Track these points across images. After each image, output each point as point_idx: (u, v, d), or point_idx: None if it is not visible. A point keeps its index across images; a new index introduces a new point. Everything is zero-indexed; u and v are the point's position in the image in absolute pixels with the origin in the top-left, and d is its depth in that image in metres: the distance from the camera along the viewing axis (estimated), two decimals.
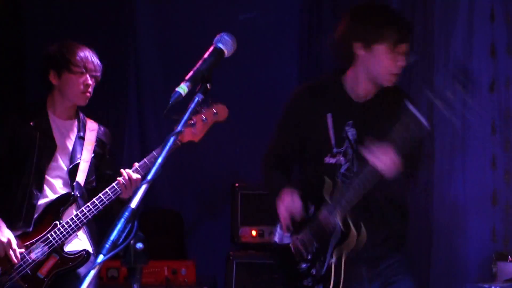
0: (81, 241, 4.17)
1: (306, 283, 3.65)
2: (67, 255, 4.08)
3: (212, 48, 2.69)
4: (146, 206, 4.09)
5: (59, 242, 4.06)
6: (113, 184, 4.06)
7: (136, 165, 4.08)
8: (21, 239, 4.10)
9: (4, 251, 4.00)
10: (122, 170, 4.04)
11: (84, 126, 4.30)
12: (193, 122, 3.97)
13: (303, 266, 3.65)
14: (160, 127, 5.77)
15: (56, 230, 4.07)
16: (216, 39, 2.72)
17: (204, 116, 4.01)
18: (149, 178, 2.65)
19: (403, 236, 3.75)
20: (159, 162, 2.65)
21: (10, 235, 4.03)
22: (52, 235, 4.06)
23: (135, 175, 4.03)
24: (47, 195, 4.17)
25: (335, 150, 3.63)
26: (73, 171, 4.21)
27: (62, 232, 4.07)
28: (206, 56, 2.66)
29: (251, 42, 5.49)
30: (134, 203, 2.61)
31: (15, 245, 4.01)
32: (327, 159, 3.65)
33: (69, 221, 4.08)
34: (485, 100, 5.25)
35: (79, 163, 4.22)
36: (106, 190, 4.07)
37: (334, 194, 3.55)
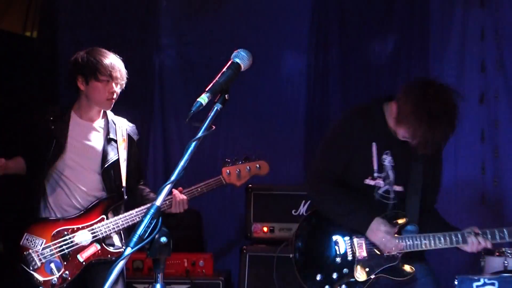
0: (121, 237, 4.15)
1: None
2: (107, 248, 4.06)
3: (230, 62, 2.68)
4: (172, 215, 4.11)
5: (103, 235, 4.05)
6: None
7: (181, 189, 4.12)
8: (68, 222, 4.10)
9: None
10: (176, 191, 4.06)
11: (114, 126, 4.26)
12: (238, 170, 4.18)
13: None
14: (182, 135, 5.74)
15: (103, 224, 4.07)
16: (233, 54, 2.72)
17: (248, 167, 4.21)
18: (172, 179, 2.61)
19: None
20: (182, 165, 2.62)
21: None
22: (98, 227, 4.06)
23: (182, 196, 4.09)
24: (74, 194, 4.14)
25: (376, 175, 3.73)
26: (107, 172, 4.17)
27: (108, 227, 4.08)
28: (224, 69, 2.66)
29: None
30: (159, 201, 2.59)
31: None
32: (367, 181, 3.75)
33: (116, 219, 4.07)
34: (475, 111, 5.26)
35: (115, 166, 4.18)
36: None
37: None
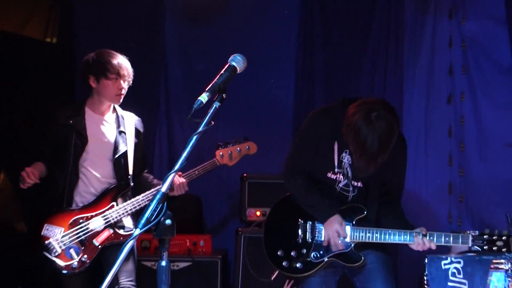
0: (131, 221, 4.18)
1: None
2: (120, 231, 4.07)
3: (227, 65, 2.73)
4: (174, 197, 4.12)
5: (115, 220, 4.07)
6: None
7: (180, 173, 4.13)
8: (82, 211, 4.10)
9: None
10: (176, 176, 4.05)
11: (123, 120, 4.27)
12: (230, 152, 4.22)
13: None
14: (184, 130, 5.74)
15: (113, 210, 4.09)
16: (230, 58, 2.77)
17: (239, 148, 4.27)
18: (176, 168, 2.64)
19: None
20: (184, 155, 2.65)
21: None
22: (109, 213, 4.08)
23: (182, 179, 4.12)
24: (92, 182, 4.16)
25: (336, 170, 3.73)
26: (118, 161, 4.18)
27: (118, 212, 4.11)
28: (222, 71, 2.72)
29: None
30: (164, 188, 2.62)
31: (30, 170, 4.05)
32: (329, 175, 3.76)
33: (125, 205, 4.09)
34: (443, 110, 5.28)
35: (124, 154, 4.19)
36: (159, 185, 4.11)
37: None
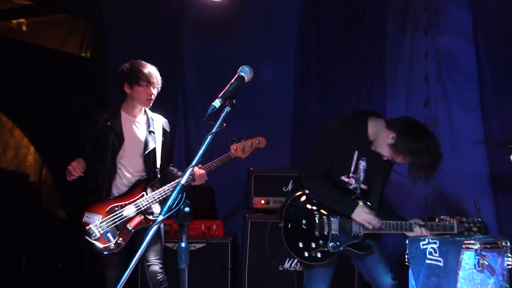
0: (159, 207, 4.20)
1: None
2: (149, 216, 4.11)
3: (236, 75, 2.76)
4: (195, 187, 4.15)
5: (145, 207, 4.09)
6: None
7: (200, 166, 4.14)
8: (117, 200, 4.14)
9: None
10: (196, 168, 4.06)
11: (152, 121, 4.30)
12: (243, 146, 4.18)
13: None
14: (199, 132, 5.76)
15: (143, 199, 4.09)
16: (239, 69, 2.80)
17: (250, 143, 4.23)
18: (193, 163, 2.69)
19: None
20: (200, 152, 2.70)
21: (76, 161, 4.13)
22: (140, 201, 4.09)
23: (202, 171, 4.13)
24: (126, 175, 4.20)
25: (351, 175, 3.80)
26: (147, 157, 4.22)
27: (147, 201, 4.10)
28: (232, 81, 2.75)
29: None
30: (183, 180, 2.67)
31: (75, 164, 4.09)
32: (343, 177, 3.81)
33: (153, 194, 4.11)
34: (421, 113, 5.27)
35: (153, 151, 4.23)
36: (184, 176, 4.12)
37: None
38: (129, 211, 4.08)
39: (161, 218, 2.62)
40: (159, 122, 4.34)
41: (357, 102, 5.36)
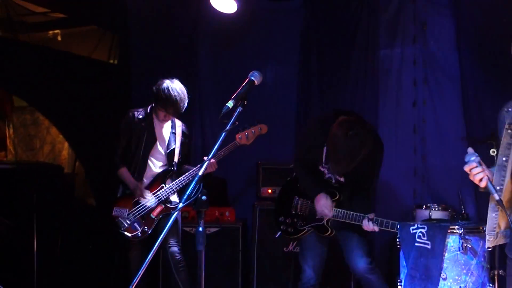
0: (176, 197, 4.20)
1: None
2: (169, 205, 4.11)
3: (247, 79, 2.73)
4: (207, 174, 4.11)
5: (165, 197, 4.10)
6: (199, 165, 4.09)
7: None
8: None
9: (137, 194, 4.11)
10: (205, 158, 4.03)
11: (175, 125, 4.31)
12: (247, 134, 4.12)
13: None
14: (213, 129, 5.71)
15: (163, 190, 4.11)
16: (250, 74, 2.78)
17: (253, 130, 4.18)
18: (209, 156, 2.67)
19: None
20: (216, 147, 2.68)
21: (137, 184, 4.15)
22: (160, 193, 4.10)
23: (212, 160, 4.08)
24: (152, 169, 4.20)
25: (324, 165, 3.80)
26: (170, 154, 4.22)
27: (166, 191, 4.13)
28: (243, 84, 2.71)
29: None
30: (201, 172, 2.64)
31: (141, 189, 4.13)
32: (320, 168, 3.82)
33: (171, 185, 4.11)
34: (410, 112, 5.25)
35: (174, 149, 4.24)
36: (195, 168, 4.12)
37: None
38: (151, 202, 4.10)
39: (181, 205, 2.62)
40: (179, 125, 4.39)
41: (353, 103, 5.31)
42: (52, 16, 5.84)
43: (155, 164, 4.24)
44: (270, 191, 5.03)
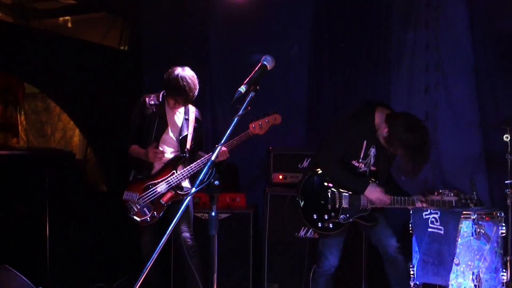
0: (188, 183, 4.18)
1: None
2: (179, 191, 4.09)
3: (259, 64, 2.70)
4: (220, 162, 4.08)
5: (175, 183, 4.08)
6: (210, 153, 4.06)
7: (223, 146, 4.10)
8: (151, 179, 4.13)
9: (150, 157, 4.06)
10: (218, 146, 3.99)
11: (188, 111, 4.28)
12: (260, 123, 4.03)
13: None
14: (224, 115, 5.68)
15: (174, 177, 4.09)
16: (262, 58, 2.76)
17: (267, 120, 4.08)
18: (222, 142, 2.65)
19: None
20: (228, 132, 2.65)
21: (147, 150, 4.10)
22: (171, 179, 4.09)
23: (224, 148, 4.05)
24: (164, 156, 4.18)
25: (360, 160, 3.73)
26: (182, 140, 4.21)
27: (177, 177, 4.11)
28: (256, 69, 2.68)
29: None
30: (213, 157, 2.62)
31: (152, 151, 4.07)
32: (353, 162, 3.74)
33: (182, 171, 4.09)
34: (422, 98, 5.19)
35: (186, 135, 4.22)
36: (206, 156, 4.10)
37: None
38: (161, 187, 4.10)
39: (194, 190, 2.59)
40: (193, 111, 4.35)
41: (365, 89, 5.28)
42: (62, 3, 5.85)
43: (167, 150, 4.22)
44: (281, 177, 4.98)
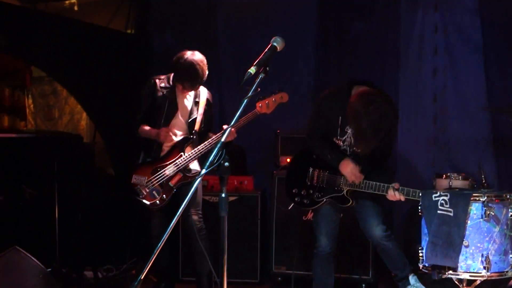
0: (197, 164, 4.16)
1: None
2: (187, 174, 4.08)
3: (269, 45, 2.68)
4: (228, 143, 4.05)
5: (183, 165, 4.07)
6: (217, 133, 4.05)
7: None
8: (160, 161, 4.12)
9: (162, 135, 4.08)
10: (225, 126, 3.92)
11: (199, 93, 4.25)
12: (267, 102, 4.01)
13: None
14: (232, 98, 5.64)
15: (181, 159, 4.08)
16: (272, 39, 2.72)
17: (274, 99, 4.06)
18: (232, 124, 2.63)
19: None
20: (238, 115, 2.63)
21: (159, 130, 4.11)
22: (179, 161, 4.08)
23: (233, 129, 3.99)
24: (173, 138, 4.17)
25: (338, 137, 3.67)
26: (191, 123, 4.19)
27: (185, 159, 4.10)
28: (266, 50, 2.65)
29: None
30: (223, 138, 2.61)
31: (164, 130, 4.09)
32: (334, 140, 3.70)
33: (190, 153, 4.08)
34: (430, 81, 5.16)
35: (195, 118, 4.20)
36: (213, 137, 4.08)
37: None
38: (169, 170, 4.08)
39: (204, 171, 2.58)
40: (204, 93, 4.32)
41: (372, 72, 5.23)
42: None
43: (176, 133, 4.20)
44: (288, 160, 4.91)
